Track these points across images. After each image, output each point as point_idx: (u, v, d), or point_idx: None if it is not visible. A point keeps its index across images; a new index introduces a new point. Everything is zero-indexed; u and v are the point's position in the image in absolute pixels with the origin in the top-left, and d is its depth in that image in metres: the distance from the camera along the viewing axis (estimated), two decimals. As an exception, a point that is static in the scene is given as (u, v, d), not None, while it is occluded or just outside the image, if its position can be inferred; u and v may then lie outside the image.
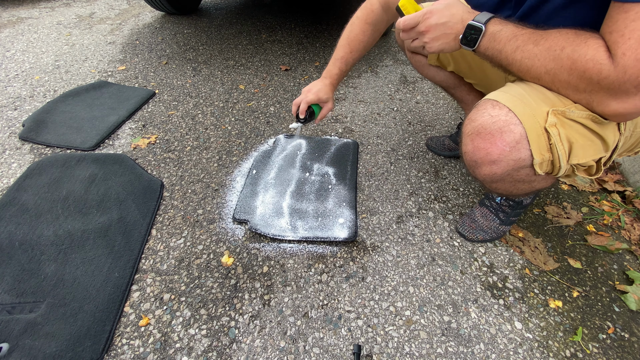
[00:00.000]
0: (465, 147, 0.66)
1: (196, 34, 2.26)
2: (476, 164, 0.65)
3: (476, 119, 0.62)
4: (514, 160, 0.60)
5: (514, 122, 0.58)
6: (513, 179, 0.66)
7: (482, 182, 0.70)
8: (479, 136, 0.62)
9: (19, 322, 0.74)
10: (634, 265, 0.93)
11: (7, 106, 1.50)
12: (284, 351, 0.73)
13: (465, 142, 0.65)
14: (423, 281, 0.87)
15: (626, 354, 0.74)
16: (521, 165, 0.62)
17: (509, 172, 0.63)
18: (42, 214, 0.98)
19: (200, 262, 0.90)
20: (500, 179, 0.66)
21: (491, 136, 0.60)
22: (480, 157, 0.63)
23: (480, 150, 0.62)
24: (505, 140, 0.59)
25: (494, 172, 0.63)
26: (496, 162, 0.61)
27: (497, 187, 0.71)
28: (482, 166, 0.64)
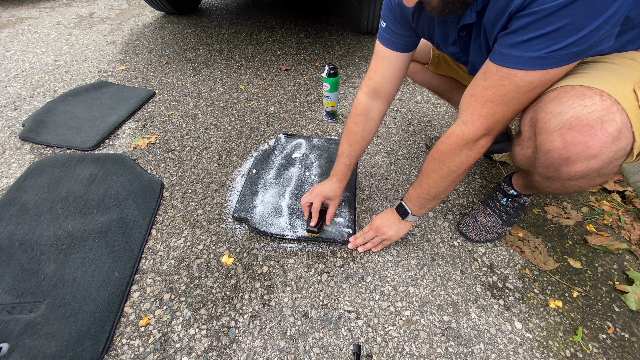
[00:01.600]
0: (551, 144, 0.59)
1: (196, 34, 2.26)
2: (568, 161, 0.59)
3: (563, 111, 0.56)
4: (614, 151, 0.55)
5: (614, 109, 0.53)
6: (599, 173, 0.61)
7: (565, 179, 0.64)
8: (573, 129, 0.55)
9: (19, 322, 0.74)
10: (634, 265, 0.93)
11: (7, 106, 1.50)
12: (284, 351, 0.73)
13: (550, 139, 0.59)
14: (423, 281, 0.87)
15: (626, 354, 0.74)
16: (618, 156, 0.57)
17: (602, 166, 0.58)
18: (42, 214, 0.98)
19: (200, 262, 0.90)
20: (589, 175, 0.61)
21: (590, 128, 0.54)
22: (577, 153, 0.57)
23: (577, 145, 0.56)
24: (607, 131, 0.54)
25: (590, 167, 0.58)
26: (596, 156, 0.56)
27: (574, 185, 0.66)
28: (576, 162, 0.58)
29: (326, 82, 1.33)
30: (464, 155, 0.69)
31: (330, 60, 1.99)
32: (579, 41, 0.49)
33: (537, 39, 0.51)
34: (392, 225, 0.89)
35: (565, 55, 0.51)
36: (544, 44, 0.51)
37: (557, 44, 0.50)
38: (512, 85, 0.57)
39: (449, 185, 0.76)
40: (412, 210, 0.85)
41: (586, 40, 0.49)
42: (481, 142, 0.67)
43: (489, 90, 0.60)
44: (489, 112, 0.62)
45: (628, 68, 0.60)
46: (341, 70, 1.89)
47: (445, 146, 0.70)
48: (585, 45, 0.50)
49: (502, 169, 1.23)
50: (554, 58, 0.52)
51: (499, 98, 0.60)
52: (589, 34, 0.48)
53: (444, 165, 0.72)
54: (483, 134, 0.65)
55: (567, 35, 0.49)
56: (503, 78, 0.57)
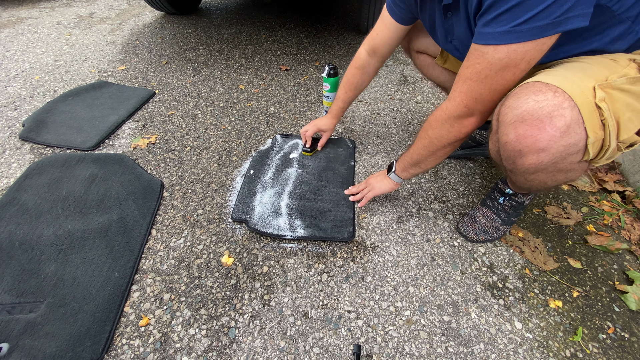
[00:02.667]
0: (506, 136, 0.63)
1: (196, 34, 2.26)
2: (520, 153, 0.62)
3: (518, 106, 0.60)
4: (563, 146, 0.58)
5: (564, 105, 0.56)
6: (555, 168, 0.64)
7: (522, 173, 0.68)
8: (525, 123, 0.59)
9: (19, 322, 0.74)
10: (634, 265, 0.93)
11: (7, 106, 1.50)
12: (284, 351, 0.73)
13: (506, 132, 0.62)
14: (423, 281, 0.87)
15: (626, 354, 0.74)
16: (570, 152, 0.59)
17: (555, 161, 0.61)
18: (42, 214, 0.98)
19: (200, 262, 0.90)
20: (543, 169, 0.64)
21: (539, 122, 0.57)
22: (527, 146, 0.60)
23: (527, 138, 0.59)
24: (555, 125, 0.56)
25: (540, 160, 0.61)
26: (545, 150, 0.59)
27: (534, 179, 0.69)
28: (527, 155, 0.61)
29: (326, 82, 1.33)
30: (445, 130, 0.74)
31: (330, 60, 1.99)
32: (540, 14, 0.51)
33: (503, 15, 0.54)
34: (378, 178, 1.00)
35: (530, 30, 0.54)
36: (509, 19, 0.54)
37: (519, 18, 0.53)
38: (485, 63, 0.61)
39: (429, 157, 0.82)
40: (397, 169, 0.93)
41: (548, 15, 0.51)
42: (464, 122, 0.71)
43: (468, 69, 0.64)
44: (468, 89, 0.66)
45: (598, 66, 0.61)
46: (341, 70, 1.88)
47: (432, 117, 0.77)
48: (548, 20, 0.52)
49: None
50: (519, 32, 0.54)
51: (475, 75, 0.64)
52: (549, 6, 0.50)
53: (427, 134, 0.79)
54: (465, 112, 0.69)
55: (528, 8, 0.51)
56: (478, 56, 0.62)
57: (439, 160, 0.83)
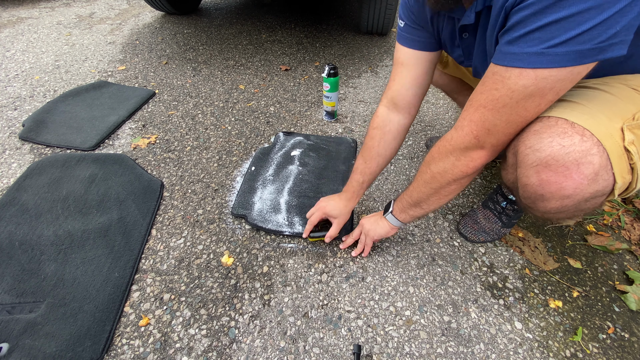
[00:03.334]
0: (527, 179, 0.58)
1: (196, 34, 2.26)
2: (542, 198, 0.58)
3: (541, 148, 0.54)
4: (590, 193, 0.53)
5: (593, 151, 0.51)
6: (578, 209, 0.58)
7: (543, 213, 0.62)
8: (549, 169, 0.54)
9: (19, 322, 0.74)
10: (634, 265, 0.93)
11: (7, 106, 1.50)
12: (284, 351, 0.73)
13: (528, 174, 0.57)
14: (423, 281, 0.87)
15: (626, 354, 0.74)
16: (595, 196, 0.55)
17: (578, 204, 0.56)
18: (42, 214, 0.98)
19: (200, 262, 0.90)
20: (566, 211, 0.59)
21: (565, 169, 0.52)
22: (550, 192, 0.55)
23: (552, 185, 0.54)
24: (583, 173, 0.51)
25: (564, 205, 0.56)
26: (570, 197, 0.54)
27: (552, 217, 0.64)
28: (550, 200, 0.57)
29: (326, 82, 1.33)
30: (449, 163, 0.65)
31: (330, 60, 1.99)
32: (581, 36, 0.42)
33: (534, 33, 0.45)
34: (372, 220, 0.88)
35: (567, 54, 0.44)
36: (542, 38, 0.45)
37: (555, 38, 0.44)
38: (505, 89, 0.51)
39: (432, 195, 0.71)
40: (394, 210, 0.82)
41: (592, 38, 0.42)
42: (472, 155, 0.61)
43: (483, 94, 0.55)
44: (480, 117, 0.57)
45: (623, 100, 0.57)
46: (341, 70, 1.89)
47: (435, 149, 0.67)
48: (590, 44, 0.43)
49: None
50: (553, 55, 0.45)
51: (490, 103, 0.54)
52: (593, 28, 0.41)
53: (429, 168, 0.69)
54: (474, 144, 0.59)
55: (567, 28, 0.42)
56: (497, 81, 0.52)
57: (443, 201, 0.72)
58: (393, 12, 2.08)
